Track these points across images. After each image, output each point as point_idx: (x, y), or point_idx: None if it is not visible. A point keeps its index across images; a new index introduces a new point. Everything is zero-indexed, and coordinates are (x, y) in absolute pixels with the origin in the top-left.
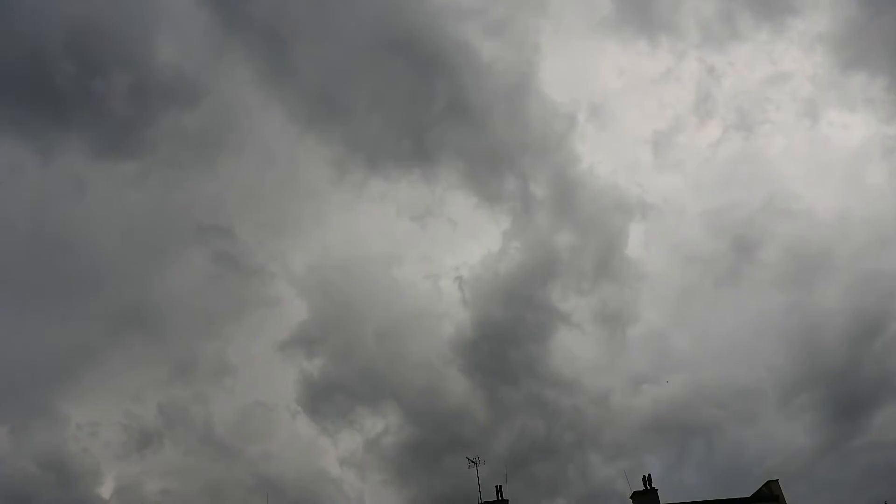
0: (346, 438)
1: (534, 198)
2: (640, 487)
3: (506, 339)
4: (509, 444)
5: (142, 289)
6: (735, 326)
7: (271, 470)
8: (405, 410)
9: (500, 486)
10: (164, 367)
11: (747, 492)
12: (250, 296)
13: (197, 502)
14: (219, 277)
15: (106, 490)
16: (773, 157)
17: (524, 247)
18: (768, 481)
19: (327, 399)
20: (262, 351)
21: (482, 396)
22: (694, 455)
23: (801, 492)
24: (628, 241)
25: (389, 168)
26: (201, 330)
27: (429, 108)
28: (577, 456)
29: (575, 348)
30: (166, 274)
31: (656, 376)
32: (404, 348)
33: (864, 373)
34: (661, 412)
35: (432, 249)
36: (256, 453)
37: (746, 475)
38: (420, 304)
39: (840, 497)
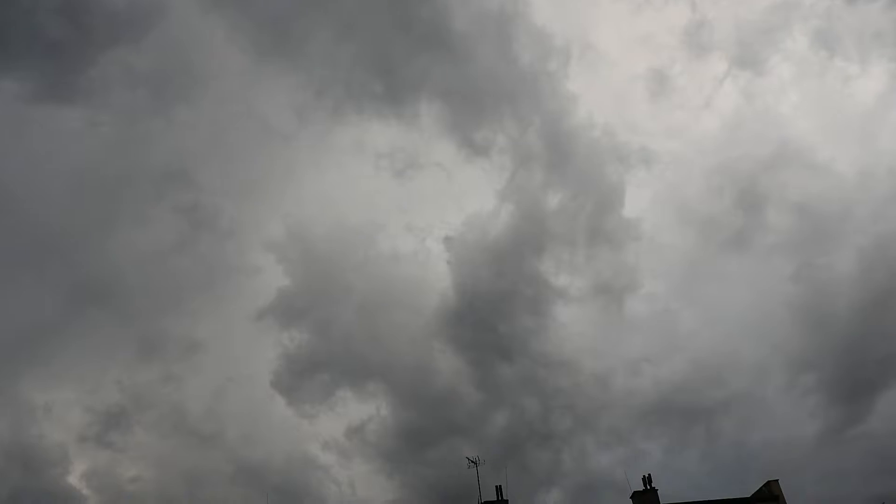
0: (331, 421)
1: (525, 150)
2: (641, 487)
3: (496, 312)
4: (503, 429)
5: (99, 255)
6: (740, 298)
7: (251, 455)
8: (393, 392)
9: (500, 486)
10: (129, 345)
11: (748, 490)
12: (220, 261)
13: (172, 490)
14: (184, 240)
15: (74, 477)
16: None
17: (516, 208)
18: (768, 481)
19: (309, 378)
20: (235, 324)
21: (473, 376)
22: (695, 441)
23: (807, 480)
24: (625, 199)
25: (364, 111)
26: (168, 301)
27: (406, 38)
28: (574, 441)
29: (571, 324)
30: (125, 236)
31: (655, 355)
32: (389, 322)
33: (873, 351)
34: (661, 394)
35: (416, 209)
36: (234, 437)
37: (749, 461)
38: (405, 273)
39: (844, 488)
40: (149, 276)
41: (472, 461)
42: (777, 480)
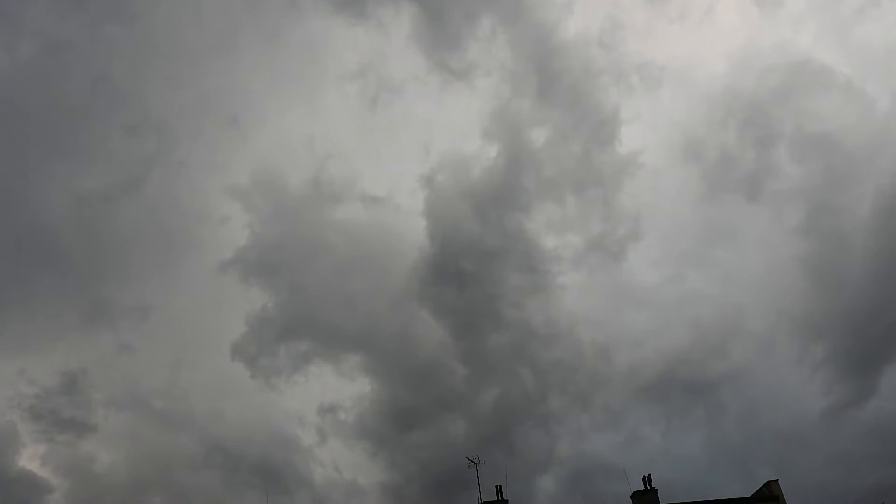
0: (305, 397)
1: (507, 70)
2: (641, 487)
3: (479, 269)
4: (492, 406)
5: (27, 200)
6: (748, 254)
7: (224, 434)
8: (372, 366)
9: (500, 486)
10: (72, 312)
11: (748, 490)
12: (176, 206)
13: (140, 472)
14: (130, 180)
15: (26, 459)
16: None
17: (502, 147)
18: (768, 481)
19: (279, 348)
20: (194, 284)
21: (458, 347)
22: (697, 424)
23: (814, 465)
24: (621, 133)
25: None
26: (115, 260)
27: None
28: (569, 421)
29: (563, 286)
30: (57, 174)
31: (655, 321)
32: (364, 281)
33: (887, 314)
34: (662, 367)
35: (390, 146)
36: (202, 414)
37: (753, 448)
38: (381, 221)
39: (850, 474)
40: (87, 226)
41: (472, 461)
42: (777, 480)
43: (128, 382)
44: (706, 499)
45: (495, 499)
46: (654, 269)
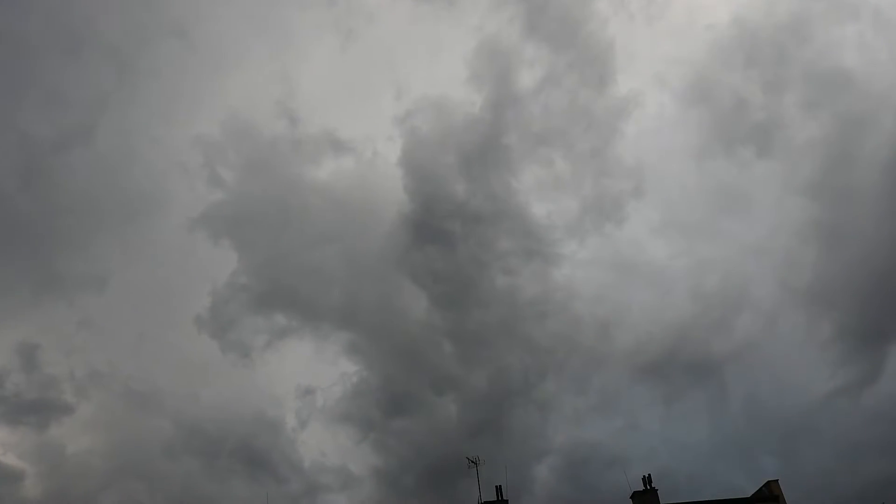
0: (283, 375)
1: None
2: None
3: (464, 238)
4: (483, 388)
5: None
6: (756, 217)
7: (199, 416)
8: (354, 339)
9: (500, 486)
10: (23, 286)
11: (750, 480)
12: (135, 158)
13: (114, 458)
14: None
15: None
16: None
17: (489, 95)
18: (768, 481)
19: (255, 316)
20: (157, 247)
21: (444, 320)
22: (698, 410)
23: (822, 456)
24: (617, 78)
25: None
26: (67, 222)
27: None
28: (565, 405)
29: (559, 261)
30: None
31: (655, 292)
32: (338, 245)
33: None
34: (662, 345)
35: (361, 82)
36: (172, 393)
37: (756, 428)
38: (356, 175)
39: (857, 465)
40: (39, 185)
41: (472, 461)
42: (777, 480)
43: (90, 361)
44: (706, 499)
45: (495, 499)
46: (656, 236)
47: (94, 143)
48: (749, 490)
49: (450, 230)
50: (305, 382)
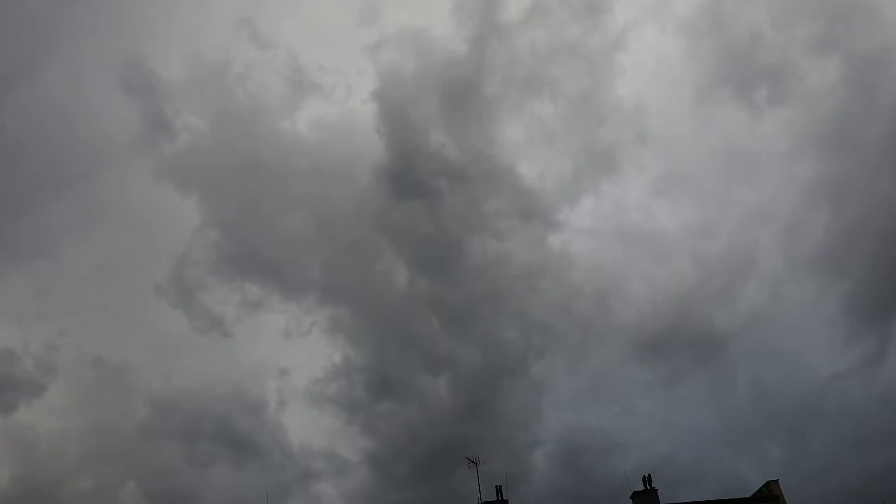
0: (262, 350)
1: None
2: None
3: (447, 196)
4: (473, 367)
5: None
6: (759, 178)
7: (170, 393)
8: (334, 313)
9: (500, 486)
10: None
11: (748, 491)
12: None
13: (83, 443)
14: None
15: None
16: None
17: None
18: (768, 481)
19: (225, 284)
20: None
21: (431, 289)
22: (699, 397)
23: (829, 448)
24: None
25: None
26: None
27: None
28: (560, 389)
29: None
30: None
31: (651, 260)
32: (312, 202)
33: None
34: (661, 319)
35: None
36: (146, 371)
37: (760, 415)
38: (329, 121)
39: (867, 456)
40: None
41: (472, 461)
42: (777, 480)
43: (50, 338)
44: (706, 499)
45: (495, 499)
46: (654, 195)
47: (34, 85)
48: (752, 481)
49: (431, 186)
50: (283, 362)
